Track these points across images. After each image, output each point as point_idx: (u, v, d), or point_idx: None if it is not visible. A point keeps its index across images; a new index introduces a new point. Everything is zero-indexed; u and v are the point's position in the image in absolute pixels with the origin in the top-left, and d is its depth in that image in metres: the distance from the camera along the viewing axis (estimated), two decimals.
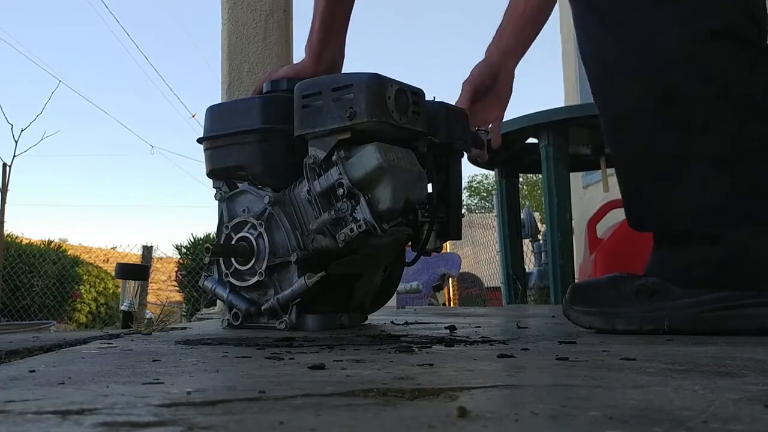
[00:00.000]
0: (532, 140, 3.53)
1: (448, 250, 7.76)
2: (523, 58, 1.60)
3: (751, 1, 1.18)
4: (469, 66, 1.57)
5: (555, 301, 3.26)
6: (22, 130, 5.74)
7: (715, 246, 1.14)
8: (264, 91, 1.48)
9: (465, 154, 1.54)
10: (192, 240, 8.30)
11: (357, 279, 1.45)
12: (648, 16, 1.18)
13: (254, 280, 1.38)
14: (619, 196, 1.29)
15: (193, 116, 15.14)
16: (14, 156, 5.87)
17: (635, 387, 0.53)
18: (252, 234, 1.38)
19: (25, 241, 9.03)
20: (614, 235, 2.78)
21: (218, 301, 1.83)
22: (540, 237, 4.68)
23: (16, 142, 5.77)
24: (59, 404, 0.47)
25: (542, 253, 4.46)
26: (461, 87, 1.55)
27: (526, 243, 4.65)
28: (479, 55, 1.58)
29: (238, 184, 1.44)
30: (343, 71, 1.56)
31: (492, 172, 4.42)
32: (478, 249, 9.26)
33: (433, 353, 0.85)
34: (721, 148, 1.15)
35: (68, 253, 9.09)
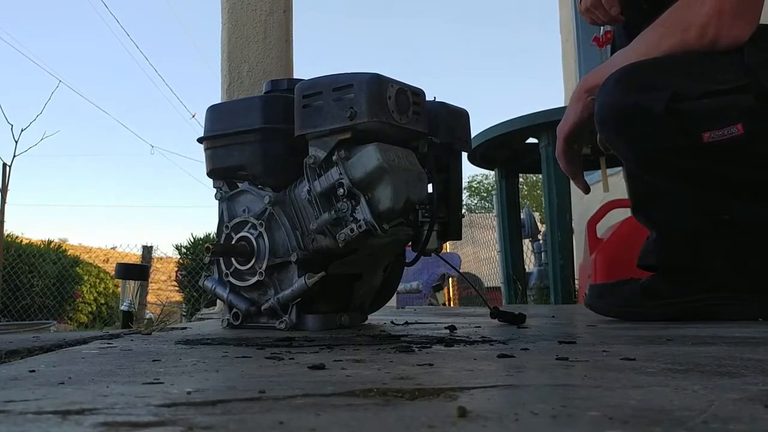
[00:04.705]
0: (532, 140, 3.53)
1: (448, 250, 7.75)
2: (523, 59, 1.59)
3: None
4: (469, 65, 1.57)
5: (555, 301, 3.26)
6: (22, 130, 5.73)
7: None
8: (264, 91, 1.48)
9: (465, 154, 1.54)
10: (192, 240, 8.29)
11: (357, 279, 1.45)
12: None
13: (254, 279, 1.38)
14: (619, 196, 1.31)
15: (194, 116, 15.15)
16: (14, 156, 5.86)
17: (635, 387, 0.53)
18: (252, 234, 1.38)
19: (25, 241, 9.01)
20: (614, 235, 2.77)
21: (218, 301, 1.83)
22: (540, 237, 4.67)
23: (16, 142, 5.76)
24: (59, 404, 0.47)
25: (542, 253, 4.45)
26: None
27: (526, 243, 4.64)
28: (478, 55, 1.57)
29: (239, 184, 1.44)
30: (342, 72, 1.56)
31: (492, 172, 4.41)
32: (478, 249, 9.25)
33: (433, 353, 0.85)
34: None
35: (68, 253, 9.08)
